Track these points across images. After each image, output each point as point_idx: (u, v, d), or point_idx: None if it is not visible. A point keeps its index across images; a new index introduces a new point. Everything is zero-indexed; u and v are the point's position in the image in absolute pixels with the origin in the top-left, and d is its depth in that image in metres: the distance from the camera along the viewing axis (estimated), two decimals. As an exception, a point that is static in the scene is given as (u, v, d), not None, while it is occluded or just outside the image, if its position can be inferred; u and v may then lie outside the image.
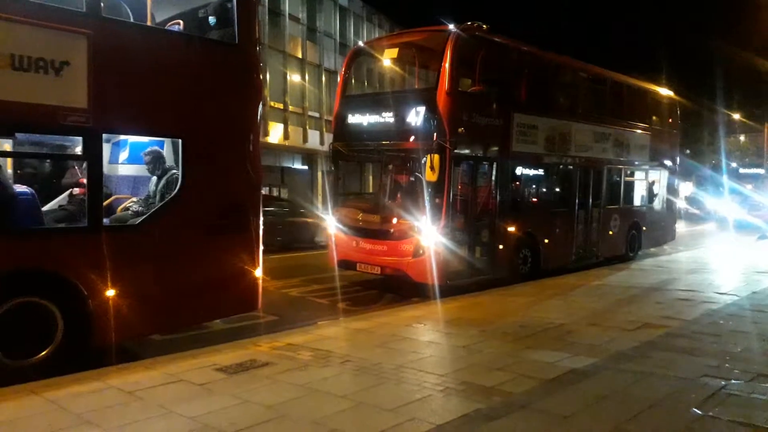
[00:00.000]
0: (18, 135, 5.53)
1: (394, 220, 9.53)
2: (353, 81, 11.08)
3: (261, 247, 6.68)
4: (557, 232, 11.58)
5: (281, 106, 27.72)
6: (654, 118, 14.97)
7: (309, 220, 16.95)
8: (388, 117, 9.65)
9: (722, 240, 20.07)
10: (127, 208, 6.43)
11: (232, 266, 6.43)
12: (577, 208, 12.10)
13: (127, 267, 5.66)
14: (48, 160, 7.01)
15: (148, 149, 6.61)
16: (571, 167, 12.01)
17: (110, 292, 5.55)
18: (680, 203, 29.35)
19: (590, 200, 12.43)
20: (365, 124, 9.95)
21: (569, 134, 11.64)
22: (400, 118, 9.38)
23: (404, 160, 10.07)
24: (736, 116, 39.39)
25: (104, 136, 5.75)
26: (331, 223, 10.40)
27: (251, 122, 6.68)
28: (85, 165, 5.59)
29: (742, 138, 44.64)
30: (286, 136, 27.88)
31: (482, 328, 6.89)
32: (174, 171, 6.32)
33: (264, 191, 28.47)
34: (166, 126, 6.14)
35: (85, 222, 5.58)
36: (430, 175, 8.79)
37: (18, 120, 5.09)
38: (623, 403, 4.61)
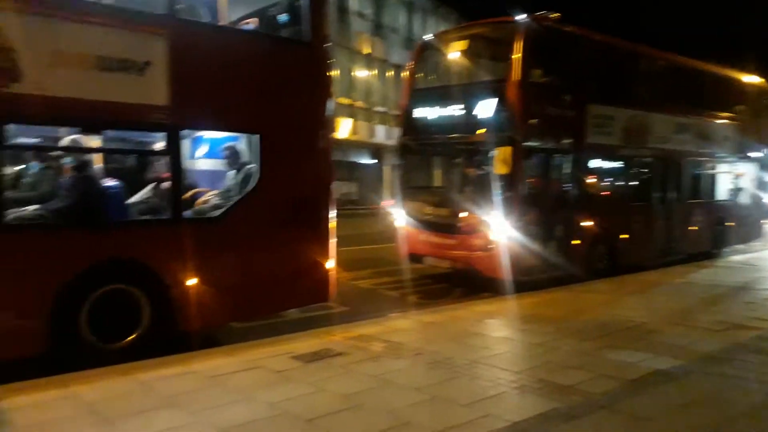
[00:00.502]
0: (105, 132, 5.82)
1: (464, 214, 9.41)
2: (421, 74, 11.00)
3: (333, 240, 6.78)
4: (635, 227, 11.11)
5: (349, 101, 28.05)
6: (740, 107, 14.06)
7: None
8: (457, 110, 9.53)
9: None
10: (206, 201, 6.64)
11: (305, 258, 6.60)
12: (656, 202, 11.57)
13: (207, 257, 5.87)
14: (132, 156, 7.37)
15: (226, 144, 6.83)
16: (650, 159, 11.49)
17: (191, 281, 5.77)
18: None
19: (671, 194, 11.85)
20: (434, 117, 9.87)
21: (647, 125, 11.13)
22: (470, 110, 9.25)
23: (474, 153, 9.92)
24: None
25: (184, 132, 5.96)
26: (399, 217, 10.40)
27: (323, 117, 6.83)
28: (166, 160, 5.84)
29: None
30: (354, 131, 28.21)
31: (558, 326, 6.71)
32: (251, 165, 6.49)
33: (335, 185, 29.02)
34: (243, 122, 6.34)
35: (168, 214, 5.83)
36: (500, 168, 8.62)
37: (105, 118, 5.36)
38: (714, 408, 4.36)
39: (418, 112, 10.10)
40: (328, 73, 6.91)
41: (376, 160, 32.49)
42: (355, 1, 28.76)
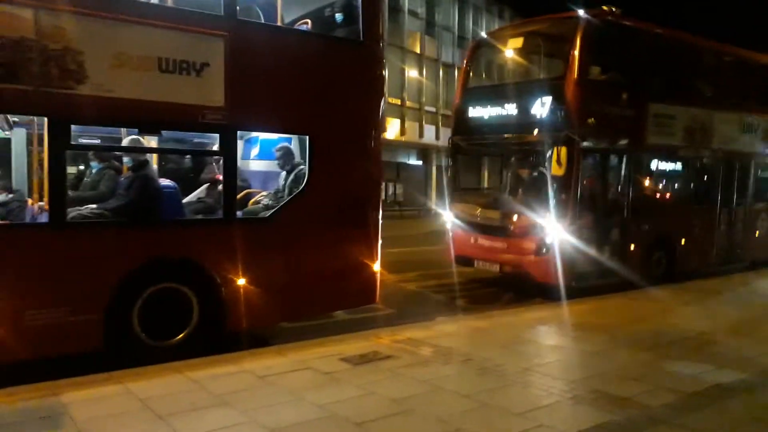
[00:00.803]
0: (163, 132, 5.96)
1: (516, 217, 9.22)
2: (475, 73, 10.83)
3: (380, 242, 6.75)
4: (696, 232, 10.65)
5: (398, 101, 28.02)
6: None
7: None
8: (511, 109, 9.34)
9: None
10: (258, 202, 6.72)
11: (353, 259, 6.56)
12: (718, 206, 11.07)
13: (257, 258, 5.90)
14: (187, 156, 7.53)
15: (279, 145, 6.89)
16: (713, 161, 10.99)
17: (242, 281, 5.81)
18: None
19: (734, 197, 11.32)
20: (487, 116, 9.70)
21: (711, 125, 10.65)
22: (525, 109, 9.04)
23: (528, 153, 9.72)
24: None
25: (239, 133, 6.02)
26: (449, 219, 10.28)
27: (374, 118, 6.76)
28: (221, 160, 5.91)
29: None
30: (402, 131, 28.16)
31: (612, 334, 6.48)
32: (302, 166, 6.52)
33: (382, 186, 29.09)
34: (296, 123, 6.34)
35: (221, 214, 5.89)
36: (556, 169, 8.39)
37: (163, 118, 5.47)
38: (784, 426, 4.13)
39: (471, 111, 9.96)
40: (381, 74, 6.82)
41: (422, 161, 32.36)
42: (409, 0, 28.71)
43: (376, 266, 6.72)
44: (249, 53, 5.81)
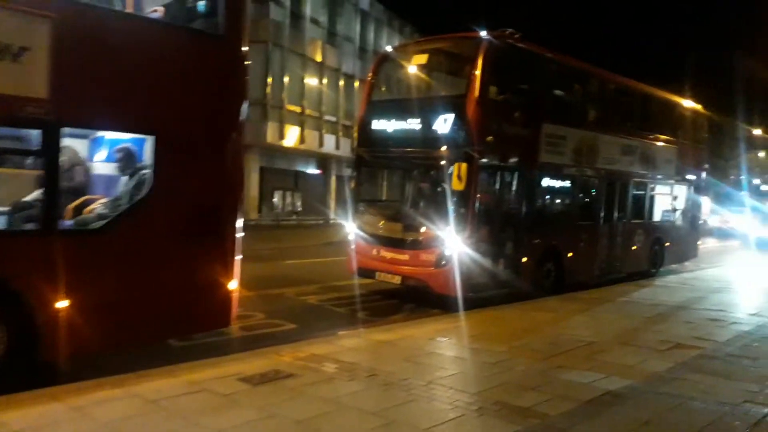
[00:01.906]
0: None
1: (417, 229, 9.34)
2: (380, 86, 10.91)
3: (238, 256, 6.10)
4: (582, 246, 11.34)
5: (298, 109, 27.70)
6: (681, 131, 14.69)
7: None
8: (414, 123, 9.47)
9: (744, 258, 19.69)
10: (91, 211, 5.87)
11: (203, 277, 5.85)
12: (601, 221, 11.87)
13: (83, 276, 5.09)
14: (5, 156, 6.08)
15: (120, 146, 6.10)
16: (597, 180, 11.78)
17: (62, 303, 4.98)
18: (712, 220, 28.81)
19: (615, 214, 12.19)
20: (391, 130, 9.78)
21: (597, 146, 11.42)
22: (427, 125, 9.20)
23: (429, 167, 9.90)
24: (757, 132, 38.88)
25: (66, 130, 5.17)
26: (351, 230, 10.22)
27: (234, 120, 6.10)
28: (42, 161, 5.00)
29: (761, 154, 44.11)
30: (301, 139, 27.85)
31: (510, 344, 6.69)
32: (145, 171, 5.75)
33: (279, 194, 28.52)
34: (138, 121, 5.59)
35: (38, 225, 5.03)
36: (456, 184, 8.58)
37: None
38: (667, 429, 4.41)
39: (375, 124, 9.99)
40: (242, 71, 6.20)
41: (322, 171, 32.18)
42: (310, 6, 28.52)
43: (232, 284, 6.00)
44: (81, 39, 5.02)
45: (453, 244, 8.74)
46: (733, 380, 5.65)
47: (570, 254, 10.90)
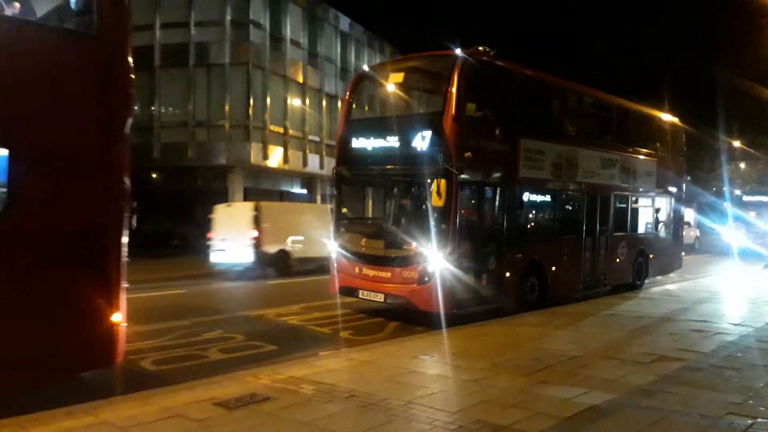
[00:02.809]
0: None
1: (399, 246, 9.30)
2: (358, 105, 10.93)
3: (123, 285, 5.36)
4: (564, 260, 11.34)
5: (281, 130, 27.72)
6: (660, 144, 14.84)
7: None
8: (393, 141, 9.47)
9: (727, 268, 19.83)
10: None
11: (78, 310, 5.12)
12: (584, 235, 11.88)
13: None
14: None
15: None
16: (578, 193, 11.82)
17: None
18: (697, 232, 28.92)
19: (597, 227, 12.22)
20: (370, 148, 9.77)
21: (576, 160, 11.48)
22: (406, 142, 9.21)
23: (409, 185, 9.89)
24: (737, 143, 39.44)
25: None
26: (332, 249, 10.15)
27: (114, 131, 5.37)
28: None
29: (742, 165, 44.70)
30: (285, 159, 27.82)
31: (492, 361, 6.61)
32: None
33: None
34: None
35: None
36: (436, 201, 8.57)
37: None
38: (648, 445, 4.34)
39: (355, 143, 9.99)
40: (123, 75, 5.45)
41: (307, 190, 32.15)
42: (290, 29, 28.69)
43: (116, 317, 5.23)
44: None
45: (435, 260, 8.69)
46: (716, 392, 5.60)
47: (553, 268, 10.89)
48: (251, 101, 26.09)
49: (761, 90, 27.72)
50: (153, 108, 26.67)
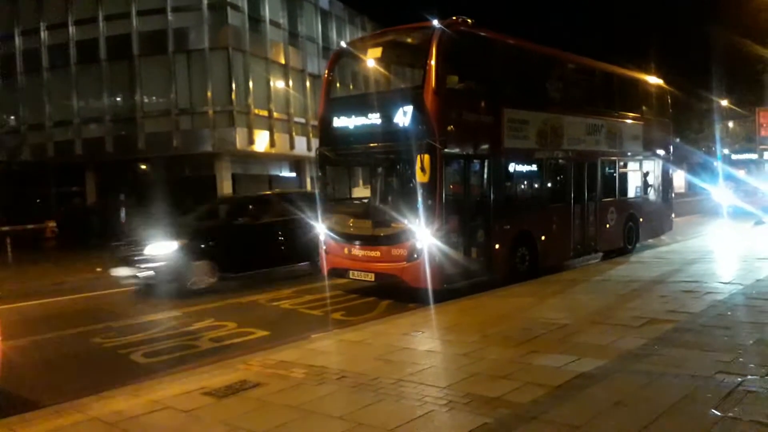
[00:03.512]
0: None
1: (386, 225, 9.24)
2: (338, 83, 10.77)
3: None
4: (554, 229, 11.31)
5: (266, 113, 27.44)
6: (645, 107, 14.73)
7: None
8: (375, 118, 9.35)
9: (719, 227, 19.90)
10: None
11: None
12: (572, 202, 11.84)
13: None
14: None
15: None
16: (565, 161, 11.75)
17: None
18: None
19: (586, 194, 12.18)
20: (352, 126, 9.65)
21: (561, 127, 11.38)
22: (388, 118, 9.09)
23: (394, 162, 9.79)
24: (725, 103, 39.40)
25: None
26: (320, 231, 10.09)
27: None
28: None
29: (731, 124, 44.75)
30: (272, 143, 27.59)
31: (483, 333, 6.61)
32: None
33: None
34: None
35: None
36: (421, 177, 8.49)
37: None
38: (638, 408, 4.33)
39: (336, 122, 9.85)
40: None
41: (296, 173, 31.97)
42: (269, 9, 28.22)
43: None
44: None
45: (423, 236, 8.65)
46: (706, 351, 5.61)
47: (543, 238, 10.87)
48: (233, 86, 25.77)
49: (748, 46, 27.58)
50: (135, 98, 26.33)
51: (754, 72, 35.35)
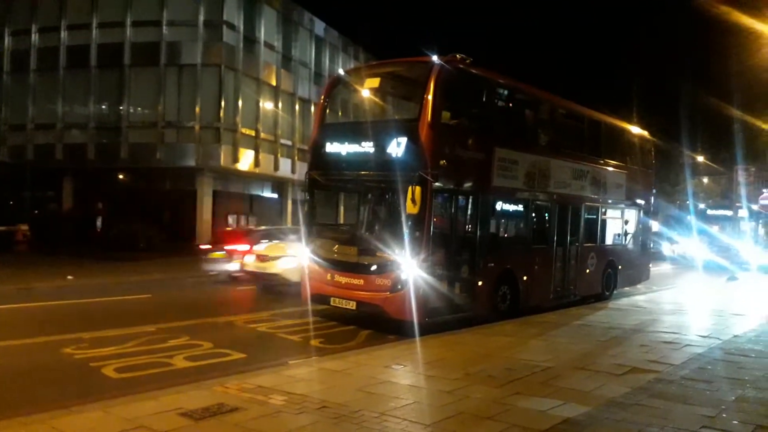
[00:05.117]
0: None
1: (372, 253, 9.15)
2: (332, 109, 10.78)
3: None
4: (536, 270, 11.34)
5: (253, 132, 27.38)
6: (630, 157, 15.03)
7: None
8: (368, 147, 9.35)
9: (693, 281, 20.20)
10: None
11: None
12: (555, 245, 11.92)
13: None
14: None
15: None
16: (550, 204, 11.86)
17: None
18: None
19: (568, 238, 12.27)
20: (344, 153, 9.63)
21: (549, 170, 11.51)
22: (381, 148, 9.10)
23: (383, 191, 9.76)
24: (701, 158, 40.49)
25: None
26: (304, 255, 9.95)
27: None
28: None
29: (705, 180, 45.96)
30: (256, 163, 27.47)
31: (466, 371, 6.51)
32: None
33: (232, 219, 27.96)
34: None
35: None
36: (410, 208, 8.46)
37: None
38: (625, 459, 4.28)
39: (329, 147, 9.83)
40: None
41: (278, 194, 31.80)
42: (264, 31, 28.39)
43: None
44: None
45: (408, 268, 8.58)
46: (689, 405, 5.60)
47: (525, 278, 10.88)
48: (223, 103, 25.72)
49: (725, 107, 28.50)
50: (121, 107, 26.09)
51: (730, 132, 36.54)
